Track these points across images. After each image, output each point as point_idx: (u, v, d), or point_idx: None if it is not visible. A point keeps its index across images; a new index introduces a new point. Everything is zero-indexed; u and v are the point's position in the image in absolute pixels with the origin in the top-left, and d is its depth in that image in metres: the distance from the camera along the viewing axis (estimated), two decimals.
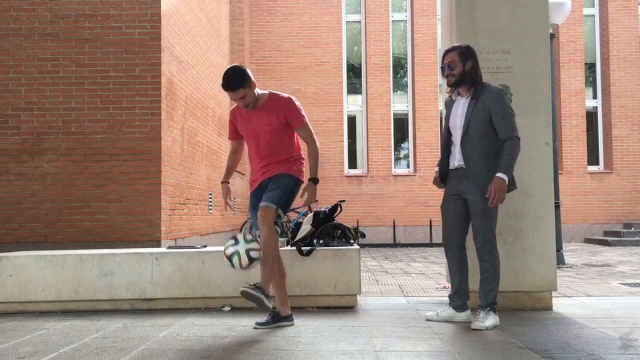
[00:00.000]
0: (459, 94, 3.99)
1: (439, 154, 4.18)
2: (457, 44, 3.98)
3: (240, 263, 3.68)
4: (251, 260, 3.68)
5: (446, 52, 3.93)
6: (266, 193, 3.88)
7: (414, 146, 14.24)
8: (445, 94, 4.16)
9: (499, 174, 3.70)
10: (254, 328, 3.84)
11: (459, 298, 4.05)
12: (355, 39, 14.86)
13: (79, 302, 4.63)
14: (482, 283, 3.90)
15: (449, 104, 4.06)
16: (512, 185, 3.88)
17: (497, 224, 4.38)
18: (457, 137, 3.93)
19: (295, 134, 4.04)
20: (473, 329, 3.73)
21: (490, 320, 3.79)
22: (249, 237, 3.74)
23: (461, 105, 3.93)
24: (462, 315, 4.05)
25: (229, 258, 3.73)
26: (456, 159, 3.94)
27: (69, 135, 7.21)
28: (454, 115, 3.97)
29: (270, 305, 3.69)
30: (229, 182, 4.21)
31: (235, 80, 3.82)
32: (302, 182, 4.03)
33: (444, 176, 4.08)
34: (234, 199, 12.35)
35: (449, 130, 4.01)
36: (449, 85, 3.97)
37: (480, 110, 3.82)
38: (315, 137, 4.03)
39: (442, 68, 3.94)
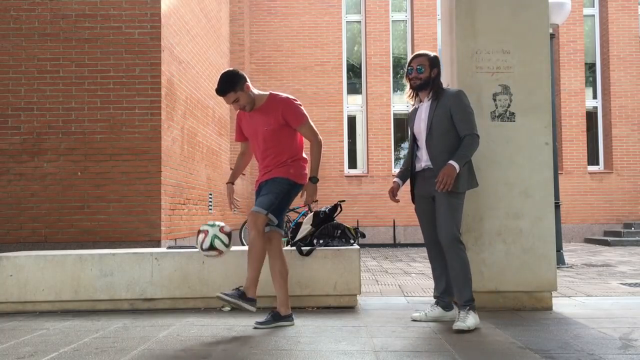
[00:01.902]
0: (420, 100, 4.09)
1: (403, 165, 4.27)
2: (425, 52, 4.08)
3: (202, 242, 3.83)
4: (211, 246, 3.82)
5: (415, 56, 4.05)
6: (259, 197, 3.93)
7: None
8: (406, 99, 4.22)
9: (451, 162, 3.79)
10: (254, 328, 3.84)
11: (446, 297, 4.11)
12: (355, 39, 14.86)
13: (79, 302, 4.63)
14: (455, 281, 3.90)
15: (412, 114, 4.16)
16: (473, 182, 3.96)
17: (497, 223, 4.42)
18: (422, 140, 4.02)
19: (298, 133, 4.04)
20: (455, 330, 3.70)
21: (471, 319, 3.77)
22: (227, 229, 3.87)
23: (424, 109, 4.03)
24: (450, 314, 4.08)
25: (197, 232, 3.89)
26: (423, 160, 4.02)
27: (69, 135, 7.21)
28: (417, 120, 4.06)
29: (250, 308, 3.77)
30: (233, 183, 4.24)
31: (224, 85, 3.86)
32: (301, 185, 4.03)
33: (411, 179, 4.16)
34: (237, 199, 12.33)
35: (414, 136, 4.10)
36: (412, 87, 4.04)
37: (441, 110, 3.92)
38: (318, 135, 4.02)
39: (410, 70, 4.03)
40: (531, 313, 4.33)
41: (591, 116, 14.58)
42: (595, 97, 14.61)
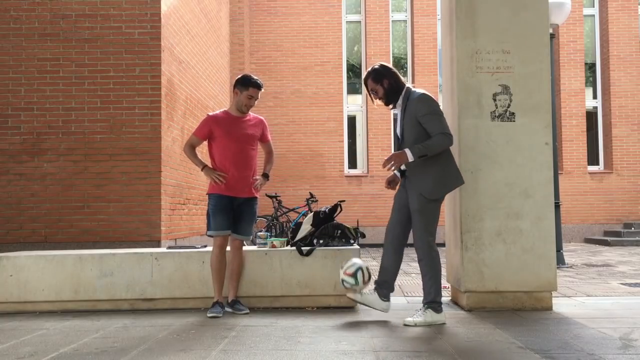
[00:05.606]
0: (394, 107, 4.17)
1: None
2: (368, 70, 4.15)
3: (363, 278, 4.07)
4: (370, 277, 4.12)
5: (364, 83, 4.16)
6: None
7: None
8: (389, 109, 4.33)
9: (406, 149, 3.88)
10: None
11: (385, 288, 4.16)
12: (355, 39, 14.86)
13: (79, 302, 4.63)
14: (426, 284, 4.00)
15: (396, 116, 4.24)
16: (445, 188, 4.02)
17: (497, 224, 4.42)
18: (400, 145, 4.12)
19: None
20: (403, 324, 3.87)
21: (422, 317, 3.89)
22: (349, 271, 4.09)
23: (399, 115, 4.13)
24: (383, 305, 4.14)
25: (354, 275, 4.06)
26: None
27: (69, 135, 7.21)
28: (397, 125, 4.17)
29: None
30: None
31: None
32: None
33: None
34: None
35: (397, 138, 4.18)
36: (386, 105, 4.16)
37: (409, 116, 4.01)
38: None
39: (371, 95, 4.17)
40: (531, 313, 4.33)
41: (591, 116, 14.57)
42: (595, 97, 14.61)
